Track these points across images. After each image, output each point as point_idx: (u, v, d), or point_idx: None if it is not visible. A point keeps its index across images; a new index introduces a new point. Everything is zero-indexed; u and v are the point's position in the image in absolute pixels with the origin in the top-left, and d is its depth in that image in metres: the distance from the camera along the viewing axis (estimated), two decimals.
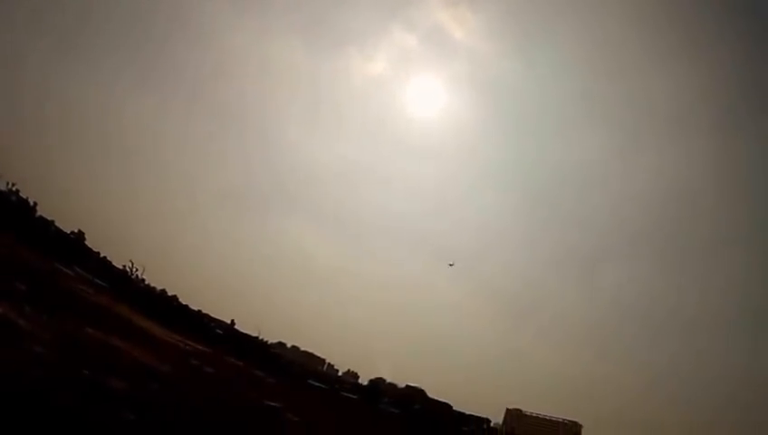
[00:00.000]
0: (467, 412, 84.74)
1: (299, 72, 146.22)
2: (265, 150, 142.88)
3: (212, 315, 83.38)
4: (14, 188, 62.13)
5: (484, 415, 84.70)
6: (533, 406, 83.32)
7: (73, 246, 61.16)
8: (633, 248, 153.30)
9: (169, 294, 77.49)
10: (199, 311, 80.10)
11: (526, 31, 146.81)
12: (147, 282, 71.46)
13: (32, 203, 62.03)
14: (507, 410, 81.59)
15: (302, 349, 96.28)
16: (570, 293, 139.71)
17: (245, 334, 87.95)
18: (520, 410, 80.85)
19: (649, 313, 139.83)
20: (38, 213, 61.15)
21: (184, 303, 78.06)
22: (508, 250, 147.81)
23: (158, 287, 75.95)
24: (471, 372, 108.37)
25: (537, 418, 78.98)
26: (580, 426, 77.84)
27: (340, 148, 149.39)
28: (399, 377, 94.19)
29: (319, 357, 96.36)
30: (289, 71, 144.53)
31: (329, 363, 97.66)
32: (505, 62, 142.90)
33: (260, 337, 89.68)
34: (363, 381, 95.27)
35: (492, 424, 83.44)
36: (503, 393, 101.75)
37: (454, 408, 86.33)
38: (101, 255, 67.49)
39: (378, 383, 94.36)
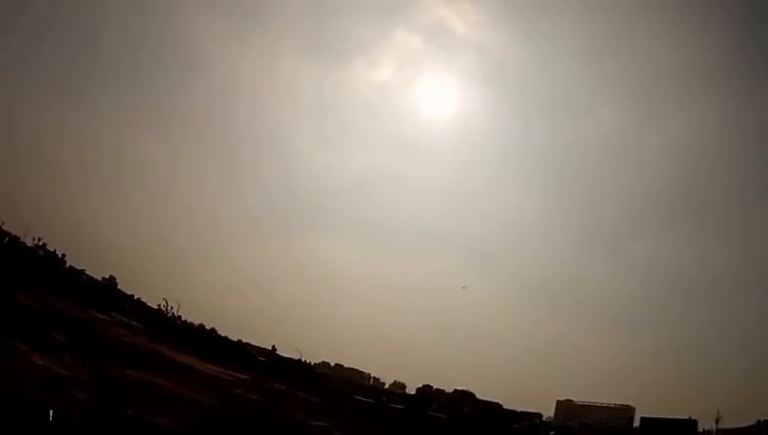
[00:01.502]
0: (518, 409, 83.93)
1: (306, 88, 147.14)
2: (280, 170, 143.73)
3: (252, 343, 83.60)
4: (40, 243, 63.09)
5: (535, 410, 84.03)
6: (583, 394, 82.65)
7: (106, 292, 62.27)
8: (660, 220, 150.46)
9: (207, 327, 78.18)
10: (239, 340, 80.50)
11: (528, 15, 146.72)
12: (183, 318, 72.32)
13: (60, 255, 63.54)
14: (557, 401, 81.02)
15: (347, 366, 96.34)
16: (602, 273, 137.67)
17: (287, 358, 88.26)
18: (570, 401, 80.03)
19: (685, 283, 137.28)
20: (68, 263, 62.57)
21: (223, 334, 78.65)
22: (535, 238, 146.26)
23: (196, 322, 76.61)
24: (516, 367, 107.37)
25: (588, 406, 78.08)
26: (633, 409, 76.74)
27: (354, 157, 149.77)
28: (446, 382, 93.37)
29: (364, 372, 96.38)
30: (296, 88, 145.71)
31: (374, 377, 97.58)
32: (511, 50, 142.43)
33: (302, 359, 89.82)
34: (411, 390, 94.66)
35: (544, 418, 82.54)
36: (551, 385, 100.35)
37: (504, 406, 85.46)
38: (135, 296, 68.55)
39: (425, 391, 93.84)
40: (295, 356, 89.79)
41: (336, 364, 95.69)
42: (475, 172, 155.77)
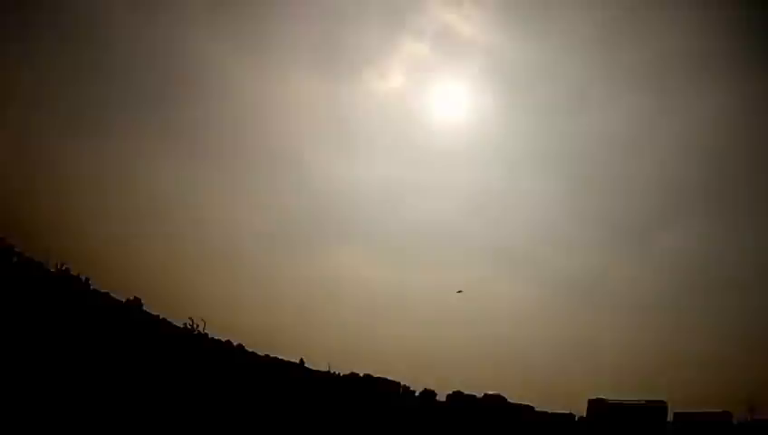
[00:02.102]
0: (550, 411, 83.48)
1: (320, 102, 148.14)
2: (299, 184, 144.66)
3: (280, 357, 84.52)
4: (63, 268, 64.66)
5: (566, 411, 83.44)
6: (614, 392, 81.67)
7: (132, 313, 63.57)
8: (685, 208, 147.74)
9: (234, 344, 79.30)
10: (267, 355, 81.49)
11: (532, 13, 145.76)
12: (210, 336, 73.40)
13: (83, 279, 65.26)
14: (589, 400, 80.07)
15: (376, 376, 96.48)
16: (630, 267, 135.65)
17: (316, 371, 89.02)
18: (602, 399, 79.17)
19: (714, 272, 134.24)
20: (92, 286, 64.02)
21: (250, 350, 79.77)
22: (559, 236, 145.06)
23: (223, 339, 77.75)
24: (546, 369, 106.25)
25: (621, 405, 77.18)
26: (666, 404, 75.62)
27: (372, 167, 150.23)
28: (477, 387, 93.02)
29: (393, 381, 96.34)
30: (309, 102, 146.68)
31: (404, 386, 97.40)
32: (519, 49, 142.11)
33: (331, 371, 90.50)
34: (441, 397, 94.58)
35: (576, 418, 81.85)
36: (582, 384, 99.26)
37: (536, 408, 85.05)
38: (160, 317, 69.96)
39: (456, 397, 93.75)
40: (323, 368, 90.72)
41: (365, 374, 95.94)
42: (494, 173, 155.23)
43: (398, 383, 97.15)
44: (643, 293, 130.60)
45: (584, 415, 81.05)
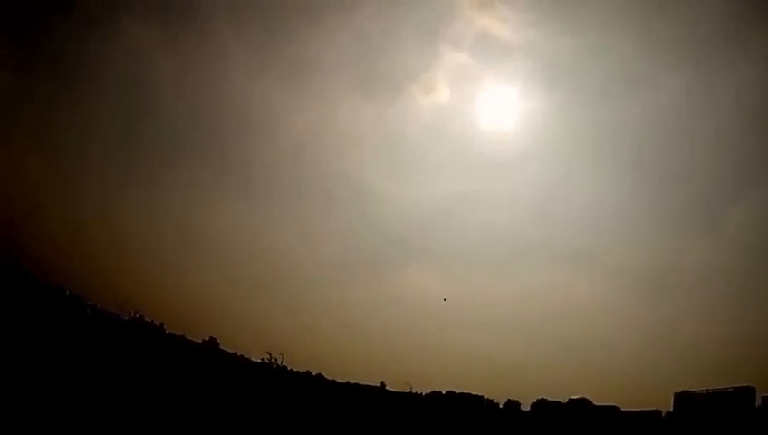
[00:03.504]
0: (636, 410, 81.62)
1: (368, 126, 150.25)
2: (360, 209, 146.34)
3: (361, 383, 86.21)
4: (137, 316, 67.15)
5: (653, 408, 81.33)
6: (700, 382, 78.94)
7: (210, 353, 66.74)
8: (753, 181, 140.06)
9: (313, 373, 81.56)
10: (347, 382, 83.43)
11: (565, 5, 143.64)
12: (289, 368, 76.00)
13: (158, 324, 68.67)
14: (675, 394, 77.85)
15: (458, 392, 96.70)
16: (701, 250, 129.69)
17: (398, 393, 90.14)
18: (688, 391, 76.80)
19: None
20: (167, 331, 67.77)
21: (330, 378, 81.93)
22: (624, 229, 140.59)
23: (301, 370, 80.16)
24: (628, 366, 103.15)
25: (707, 394, 74.62)
26: (754, 389, 72.60)
27: (428, 184, 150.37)
28: (561, 393, 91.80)
29: (476, 395, 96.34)
30: (358, 127, 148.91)
31: (487, 399, 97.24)
32: (557, 44, 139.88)
33: (412, 391, 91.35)
34: (525, 407, 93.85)
35: (663, 414, 79.67)
36: (666, 378, 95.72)
37: (622, 409, 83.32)
38: (238, 354, 73.55)
39: (541, 405, 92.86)
40: (405, 390, 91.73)
41: (448, 392, 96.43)
42: (551, 174, 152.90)
43: (481, 397, 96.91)
44: (718, 276, 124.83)
45: (671, 410, 78.94)
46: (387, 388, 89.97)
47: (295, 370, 77.76)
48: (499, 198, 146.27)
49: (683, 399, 77.07)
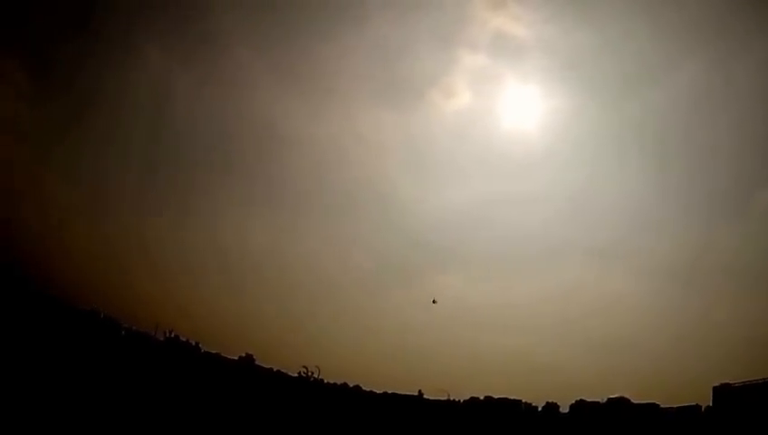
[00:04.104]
0: (675, 405, 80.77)
1: (392, 134, 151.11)
2: (387, 218, 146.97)
3: (399, 393, 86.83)
4: (172, 335, 68.17)
5: (692, 403, 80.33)
6: (740, 373, 77.73)
7: (246, 369, 68.07)
8: None
9: (351, 385, 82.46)
10: (385, 392, 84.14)
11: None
12: (326, 381, 77.10)
13: (194, 343, 69.55)
14: (714, 387, 76.84)
15: (496, 397, 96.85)
16: (730, 238, 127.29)
17: (436, 400, 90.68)
18: (728, 384, 75.77)
19: None
20: (203, 349, 69.42)
21: (367, 389, 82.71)
22: (652, 221, 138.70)
23: (338, 382, 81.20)
24: (664, 361, 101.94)
25: (748, 385, 73.50)
26: None
27: (455, 188, 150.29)
28: (599, 392, 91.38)
29: (514, 400, 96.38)
30: (382, 137, 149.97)
31: (525, 402, 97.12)
32: (572, 38, 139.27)
33: (450, 398, 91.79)
34: (564, 408, 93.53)
35: (703, 409, 78.67)
36: (705, 372, 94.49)
37: (661, 406, 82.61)
38: (274, 369, 75.02)
39: (580, 406, 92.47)
40: (443, 397, 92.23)
41: (486, 397, 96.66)
42: (575, 172, 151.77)
43: (519, 401, 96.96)
44: (750, 262, 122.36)
45: (710, 404, 77.91)
46: (424, 396, 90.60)
47: (332, 382, 78.97)
48: (525, 198, 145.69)
49: (722, 392, 76.07)
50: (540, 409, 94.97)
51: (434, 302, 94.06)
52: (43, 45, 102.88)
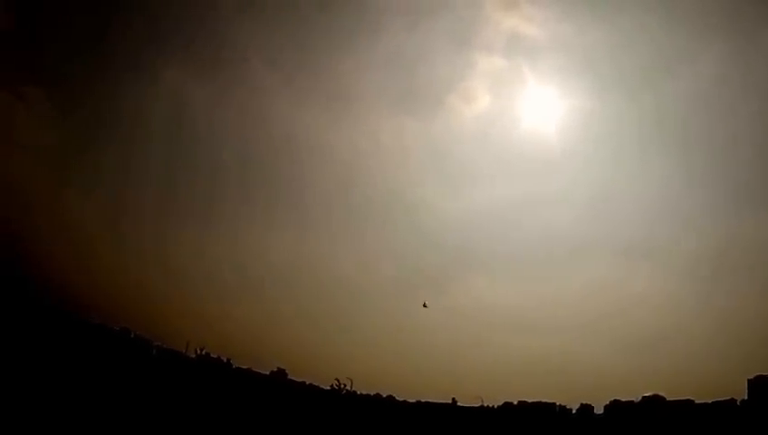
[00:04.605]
0: (710, 401, 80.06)
1: (414, 142, 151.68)
2: (414, 226, 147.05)
3: (432, 401, 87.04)
4: (203, 352, 68.78)
5: (727, 397, 79.60)
6: None
7: (279, 384, 68.90)
8: None
9: (384, 395, 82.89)
10: (418, 401, 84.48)
11: None
12: (358, 392, 77.69)
13: (225, 359, 69.34)
14: (748, 380, 76.15)
15: (530, 401, 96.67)
16: (757, 227, 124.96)
17: (470, 407, 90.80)
18: (763, 376, 74.92)
19: None
20: (234, 365, 70.69)
21: (400, 399, 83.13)
22: (680, 215, 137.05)
23: (371, 393, 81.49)
24: (697, 356, 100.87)
25: None
26: None
27: (481, 193, 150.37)
28: (633, 391, 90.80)
29: (548, 403, 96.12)
30: (405, 145, 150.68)
31: (560, 405, 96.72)
32: (587, 34, 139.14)
33: (484, 404, 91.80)
34: (599, 410, 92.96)
35: (739, 402, 77.95)
36: (739, 365, 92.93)
37: (696, 402, 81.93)
38: (307, 382, 74.87)
39: (614, 406, 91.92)
40: (477, 404, 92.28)
41: (519, 402, 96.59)
42: (598, 169, 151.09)
43: (554, 404, 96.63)
44: None
45: (746, 397, 77.22)
46: (458, 403, 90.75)
47: (365, 393, 79.44)
48: (549, 198, 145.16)
49: (757, 384, 75.46)
50: (574, 411, 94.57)
51: (424, 305, 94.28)
52: (61, 68, 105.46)
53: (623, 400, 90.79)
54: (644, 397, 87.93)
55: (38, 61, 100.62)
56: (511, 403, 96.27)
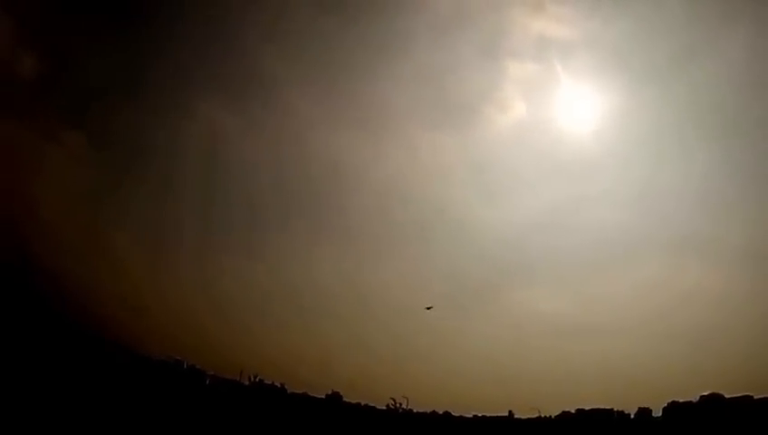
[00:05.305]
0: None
1: (451, 154, 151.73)
2: (459, 240, 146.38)
3: (489, 415, 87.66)
4: (257, 379, 69.60)
5: None
6: None
7: (335, 406, 70.44)
8: None
9: (440, 412, 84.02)
10: (475, 415, 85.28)
11: None
12: (415, 410, 77.06)
13: (279, 385, 70.28)
14: None
15: (588, 408, 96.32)
16: None
17: (527, 419, 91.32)
18: None
19: None
20: (289, 391, 69.77)
21: (457, 414, 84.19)
22: (726, 204, 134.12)
23: (428, 410, 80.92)
24: (753, 351, 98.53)
25: None
26: None
27: (523, 201, 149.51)
28: (691, 391, 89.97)
29: (605, 409, 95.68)
30: (443, 159, 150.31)
31: (617, 410, 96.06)
32: (615, 28, 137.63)
33: (541, 415, 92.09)
34: (657, 412, 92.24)
35: None
36: None
37: (755, 397, 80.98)
38: (362, 404, 74.91)
39: (673, 408, 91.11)
40: (533, 415, 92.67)
41: (577, 410, 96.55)
42: (640, 165, 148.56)
43: (611, 410, 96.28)
44: None
45: None
46: (515, 416, 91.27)
47: (421, 411, 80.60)
48: (593, 200, 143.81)
49: None
50: (632, 416, 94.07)
51: (428, 308, 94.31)
52: (94, 108, 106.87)
53: (681, 401, 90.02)
54: (702, 396, 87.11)
55: (72, 103, 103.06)
56: (568, 412, 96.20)
